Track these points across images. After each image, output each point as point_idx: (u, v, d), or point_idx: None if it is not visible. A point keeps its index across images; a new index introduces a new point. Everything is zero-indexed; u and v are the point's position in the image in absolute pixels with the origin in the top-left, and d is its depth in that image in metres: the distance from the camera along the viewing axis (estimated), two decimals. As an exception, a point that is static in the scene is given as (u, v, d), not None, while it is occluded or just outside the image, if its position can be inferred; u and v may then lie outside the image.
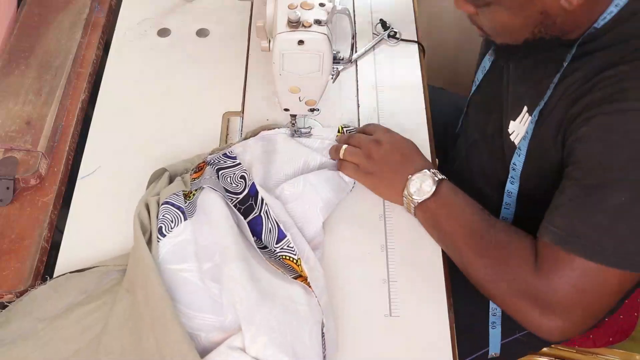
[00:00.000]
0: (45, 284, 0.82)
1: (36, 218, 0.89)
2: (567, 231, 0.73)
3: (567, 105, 0.76)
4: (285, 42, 0.79)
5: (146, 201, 0.86)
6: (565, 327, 0.74)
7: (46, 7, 1.11)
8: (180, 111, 1.03)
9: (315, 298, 0.79)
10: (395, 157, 0.89)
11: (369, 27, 1.13)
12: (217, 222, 0.82)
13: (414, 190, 0.86)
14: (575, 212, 0.73)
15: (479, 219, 0.82)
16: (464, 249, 0.81)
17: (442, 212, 0.84)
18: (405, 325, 0.82)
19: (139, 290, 0.78)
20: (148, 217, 0.85)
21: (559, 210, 0.75)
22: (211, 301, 0.79)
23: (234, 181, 0.91)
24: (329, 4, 0.80)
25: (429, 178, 0.86)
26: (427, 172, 0.86)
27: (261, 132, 0.96)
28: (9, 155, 0.92)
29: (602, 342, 1.18)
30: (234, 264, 0.77)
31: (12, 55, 1.04)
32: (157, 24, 1.13)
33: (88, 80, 1.06)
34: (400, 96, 1.05)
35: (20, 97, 0.99)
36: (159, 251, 0.81)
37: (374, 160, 0.90)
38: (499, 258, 0.78)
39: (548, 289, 0.74)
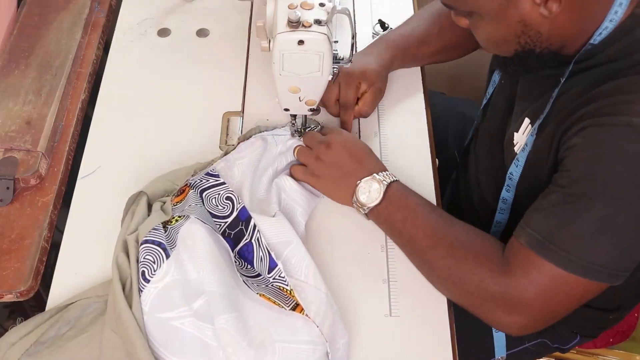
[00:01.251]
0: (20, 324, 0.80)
1: (36, 218, 0.89)
2: (543, 236, 0.72)
3: (563, 117, 0.76)
4: (285, 42, 0.79)
5: (124, 240, 0.83)
6: (526, 324, 0.75)
7: (46, 7, 1.11)
8: (180, 111, 1.03)
9: (317, 328, 0.76)
10: (345, 160, 0.88)
11: (369, 29, 1.13)
12: (203, 259, 0.79)
13: (363, 197, 0.85)
14: (555, 218, 0.73)
15: (436, 219, 0.82)
16: (425, 252, 0.81)
17: (396, 216, 0.83)
18: (405, 325, 0.82)
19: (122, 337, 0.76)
20: (127, 261, 0.81)
21: (539, 214, 0.75)
22: (205, 345, 0.76)
23: (219, 203, 0.88)
24: (329, 4, 0.80)
25: (376, 182, 0.85)
26: (375, 176, 0.85)
27: (238, 145, 0.94)
28: (9, 155, 0.92)
29: (603, 342, 1.18)
30: (225, 316, 0.75)
31: (12, 55, 1.04)
32: (157, 24, 1.13)
33: (88, 80, 1.06)
34: (400, 96, 1.05)
35: (20, 97, 0.99)
36: (146, 299, 0.77)
37: (322, 162, 0.89)
38: (464, 258, 0.78)
39: (516, 289, 0.74)
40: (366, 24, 1.14)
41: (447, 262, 0.78)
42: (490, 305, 0.76)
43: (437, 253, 0.79)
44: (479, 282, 0.76)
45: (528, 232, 0.74)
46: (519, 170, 0.85)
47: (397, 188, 0.85)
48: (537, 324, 0.75)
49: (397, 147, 0.98)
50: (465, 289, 0.77)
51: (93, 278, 0.85)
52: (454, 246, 0.79)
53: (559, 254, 0.71)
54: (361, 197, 0.85)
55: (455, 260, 0.78)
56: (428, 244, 0.80)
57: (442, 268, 0.79)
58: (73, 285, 0.85)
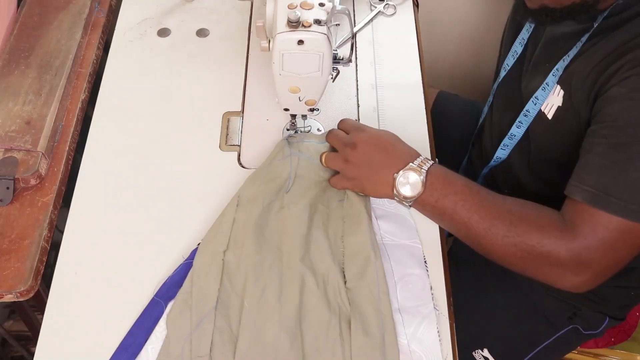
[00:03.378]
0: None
1: (36, 218, 0.89)
2: (599, 190, 0.73)
3: (599, 72, 0.77)
4: (285, 42, 0.79)
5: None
6: (592, 281, 0.75)
7: (46, 7, 1.11)
8: (180, 111, 1.02)
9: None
10: (373, 155, 0.85)
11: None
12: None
13: (404, 189, 0.82)
14: (607, 170, 0.73)
15: (487, 198, 0.80)
16: (484, 235, 0.78)
17: (444, 203, 0.80)
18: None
19: None
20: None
21: (589, 169, 0.75)
22: None
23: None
24: (329, 4, 0.80)
25: (413, 172, 0.81)
26: (411, 165, 0.82)
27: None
28: (9, 155, 0.92)
29: (604, 342, 1.18)
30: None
31: (12, 55, 1.04)
32: (157, 24, 1.13)
33: (88, 80, 1.05)
34: (400, 96, 1.05)
35: (20, 97, 0.99)
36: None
37: (352, 164, 0.86)
38: (527, 232, 0.76)
39: (586, 250, 0.74)
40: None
41: (510, 240, 0.77)
42: (558, 271, 0.75)
43: (498, 233, 0.77)
44: (549, 253, 0.75)
45: (583, 189, 0.74)
46: (536, 108, 0.86)
47: (438, 173, 0.81)
48: (602, 278, 0.76)
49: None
50: (533, 262, 0.76)
51: (93, 278, 0.85)
52: (514, 223, 0.77)
53: (619, 205, 0.72)
54: (402, 190, 0.81)
55: (519, 236, 0.76)
56: (486, 226, 0.78)
57: (506, 246, 0.77)
58: (73, 285, 0.85)
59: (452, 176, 0.82)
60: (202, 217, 0.91)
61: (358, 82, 1.07)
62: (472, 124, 1.23)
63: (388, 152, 0.84)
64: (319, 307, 0.80)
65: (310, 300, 0.80)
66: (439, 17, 1.59)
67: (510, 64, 1.01)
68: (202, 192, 0.93)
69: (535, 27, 0.94)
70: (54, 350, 0.80)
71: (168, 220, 0.91)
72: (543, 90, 0.86)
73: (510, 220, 0.77)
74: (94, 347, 0.80)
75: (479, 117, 1.21)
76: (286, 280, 0.81)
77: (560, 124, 0.86)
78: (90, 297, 0.84)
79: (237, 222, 0.86)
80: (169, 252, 0.88)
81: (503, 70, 1.02)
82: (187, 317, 0.80)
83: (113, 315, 0.83)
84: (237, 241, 0.85)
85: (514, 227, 0.77)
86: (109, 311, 0.83)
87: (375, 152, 0.85)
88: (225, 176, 0.95)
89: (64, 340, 0.81)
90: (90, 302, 0.84)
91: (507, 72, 1.01)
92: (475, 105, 1.29)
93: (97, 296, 0.84)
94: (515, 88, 0.99)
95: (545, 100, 0.88)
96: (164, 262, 0.87)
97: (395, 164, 0.83)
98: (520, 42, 0.98)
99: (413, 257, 0.85)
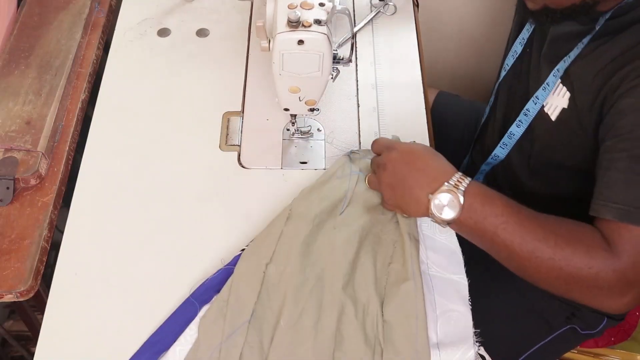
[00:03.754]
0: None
1: (36, 218, 0.89)
2: (630, 204, 0.71)
3: (606, 75, 0.76)
4: (285, 42, 0.79)
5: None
6: (636, 300, 0.73)
7: (46, 7, 1.11)
8: (180, 111, 1.02)
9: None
10: (406, 175, 0.80)
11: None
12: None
13: (439, 212, 0.76)
14: (634, 183, 0.72)
15: (529, 218, 0.75)
16: (528, 258, 0.74)
17: (483, 226, 0.75)
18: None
19: None
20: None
21: (614, 186, 0.73)
22: None
23: None
24: (329, 4, 0.80)
25: (449, 193, 0.76)
26: (447, 185, 0.76)
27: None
28: (9, 155, 0.92)
29: (604, 342, 1.18)
30: None
31: (12, 55, 1.04)
32: (157, 24, 1.13)
33: (88, 80, 1.06)
34: (400, 96, 1.05)
35: (20, 97, 0.99)
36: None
37: (385, 185, 0.82)
38: (573, 254, 0.72)
39: (627, 267, 0.71)
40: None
41: (556, 263, 0.73)
42: (606, 293, 0.72)
43: (543, 256, 0.73)
44: (596, 275, 0.72)
45: (613, 207, 0.73)
46: (536, 107, 0.86)
47: (477, 192, 0.76)
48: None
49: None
50: (579, 285, 0.73)
51: (93, 278, 0.85)
52: (560, 245, 0.73)
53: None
54: (437, 212, 0.76)
55: (566, 259, 0.72)
56: (529, 249, 0.73)
57: (551, 269, 0.73)
58: (73, 285, 0.85)
59: (492, 195, 0.77)
60: (202, 217, 0.91)
61: (358, 82, 1.07)
62: (472, 125, 1.23)
63: (420, 171, 0.79)
64: (356, 337, 0.77)
65: (347, 330, 0.78)
66: (439, 17, 1.59)
67: (510, 63, 1.01)
68: (202, 192, 0.93)
69: (537, 27, 0.95)
70: (54, 350, 0.80)
71: (168, 220, 0.91)
72: (543, 90, 0.87)
73: (555, 241, 0.73)
74: (94, 347, 0.80)
75: (478, 117, 1.22)
76: (325, 306, 0.79)
77: (564, 126, 0.86)
78: (90, 297, 0.84)
79: (285, 236, 0.84)
80: (169, 251, 0.88)
81: (503, 70, 1.03)
82: (219, 325, 0.78)
83: (113, 315, 0.83)
84: (281, 256, 0.82)
85: (560, 249, 0.73)
86: (109, 311, 0.83)
87: (406, 172, 0.80)
88: (225, 176, 0.95)
89: (64, 340, 0.81)
90: (90, 302, 0.84)
91: (507, 72, 1.02)
92: (475, 105, 1.29)
93: (97, 296, 0.84)
94: (515, 87, 0.99)
95: (546, 100, 0.88)
96: (164, 261, 0.87)
97: (429, 183, 0.77)
98: (520, 41, 0.98)
99: (458, 293, 0.82)
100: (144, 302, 0.84)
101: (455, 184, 0.76)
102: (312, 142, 0.99)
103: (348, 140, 0.99)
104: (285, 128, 1.00)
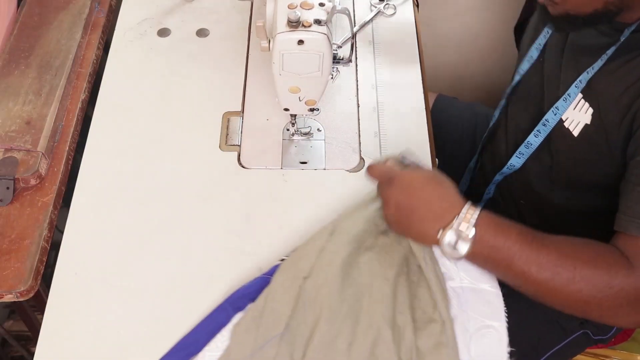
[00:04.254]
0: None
1: (36, 218, 0.89)
2: None
3: (637, 93, 0.75)
4: (285, 42, 0.79)
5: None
6: None
7: (46, 7, 1.11)
8: (180, 111, 1.02)
9: None
10: (411, 213, 0.76)
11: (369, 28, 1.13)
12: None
13: (450, 250, 0.74)
14: None
15: (544, 244, 0.73)
16: (545, 284, 0.73)
17: (497, 257, 0.74)
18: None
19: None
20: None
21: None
22: None
23: None
24: (329, 4, 0.80)
25: (461, 229, 0.73)
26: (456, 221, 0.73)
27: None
28: (9, 155, 0.92)
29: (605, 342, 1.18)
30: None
31: (12, 55, 1.04)
32: (157, 24, 1.13)
33: (88, 80, 1.06)
34: (400, 96, 1.05)
35: (20, 97, 0.99)
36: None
37: (389, 221, 0.80)
38: (593, 275, 0.71)
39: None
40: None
41: (576, 286, 0.71)
42: (625, 310, 0.71)
43: (562, 281, 0.72)
44: (617, 294, 0.71)
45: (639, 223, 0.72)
46: (556, 118, 0.84)
47: (488, 224, 0.74)
48: None
49: (397, 147, 0.98)
50: (599, 305, 0.72)
51: (93, 278, 0.85)
52: (578, 267, 0.71)
53: None
54: (448, 250, 0.74)
55: (586, 280, 0.71)
56: (547, 276, 0.72)
57: (571, 293, 0.72)
58: (73, 285, 0.85)
59: (503, 225, 0.75)
60: (202, 217, 0.91)
61: (358, 82, 1.07)
62: (471, 127, 1.22)
63: (426, 205, 0.75)
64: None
65: (382, 354, 0.76)
66: (440, 17, 1.59)
67: (525, 69, 0.97)
68: (202, 192, 0.93)
69: (554, 34, 0.92)
70: (54, 350, 0.80)
71: (168, 220, 0.91)
72: (564, 100, 0.84)
73: (574, 264, 0.72)
74: (94, 347, 0.80)
75: (478, 119, 1.21)
76: (362, 327, 0.77)
77: (587, 143, 0.83)
78: (90, 297, 0.84)
79: (325, 252, 0.81)
80: (168, 251, 0.88)
81: (517, 75, 0.99)
82: (252, 335, 0.78)
83: (113, 315, 0.83)
84: (320, 271, 0.80)
85: (579, 271, 0.71)
86: (109, 311, 0.83)
87: (410, 208, 0.76)
88: (225, 176, 0.95)
89: (64, 340, 0.81)
90: (90, 302, 0.84)
91: (522, 77, 0.98)
92: (473, 107, 1.29)
93: (97, 296, 0.84)
94: (532, 95, 0.96)
95: (567, 113, 0.85)
96: (163, 261, 0.87)
97: (436, 218, 0.74)
98: (537, 47, 0.95)
99: (491, 305, 0.80)
100: (144, 301, 0.84)
101: (465, 217, 0.73)
102: (312, 142, 0.99)
103: (348, 140, 0.99)
104: (285, 128, 1.00)
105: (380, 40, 1.12)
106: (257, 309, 0.79)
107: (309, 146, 0.99)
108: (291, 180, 0.95)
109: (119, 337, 0.81)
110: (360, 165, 0.97)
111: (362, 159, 0.98)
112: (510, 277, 0.75)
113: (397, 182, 0.77)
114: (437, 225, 0.74)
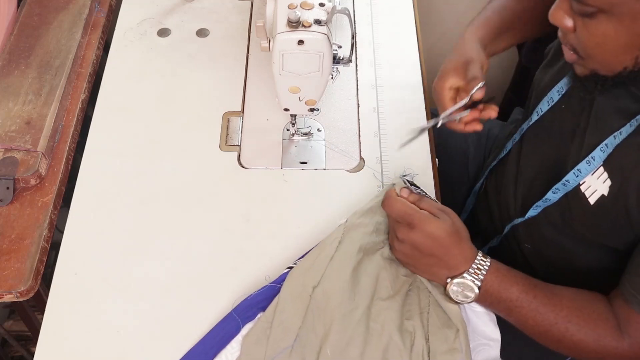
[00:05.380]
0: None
1: (36, 218, 0.89)
2: None
3: None
4: (285, 42, 0.79)
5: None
6: None
7: (46, 7, 1.11)
8: (180, 111, 1.02)
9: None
10: (423, 258, 0.81)
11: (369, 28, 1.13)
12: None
13: (455, 296, 0.80)
14: None
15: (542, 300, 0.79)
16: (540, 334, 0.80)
17: (497, 307, 0.81)
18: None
19: None
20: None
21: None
22: None
23: None
24: (329, 4, 0.80)
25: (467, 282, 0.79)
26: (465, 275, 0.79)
27: None
28: (9, 155, 0.92)
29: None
30: None
31: (12, 55, 1.04)
32: (157, 24, 1.13)
33: (88, 80, 1.06)
34: (400, 96, 1.05)
35: (20, 97, 0.99)
36: None
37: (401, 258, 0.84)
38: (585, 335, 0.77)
39: (632, 354, 0.75)
40: (366, 23, 1.14)
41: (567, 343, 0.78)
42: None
43: (554, 338, 0.79)
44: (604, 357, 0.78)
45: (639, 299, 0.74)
46: (578, 179, 0.81)
47: (493, 278, 0.80)
48: None
49: (397, 147, 0.98)
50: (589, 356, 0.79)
51: (93, 278, 0.85)
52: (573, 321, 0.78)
53: None
54: (454, 295, 0.80)
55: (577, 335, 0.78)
56: (542, 330, 0.79)
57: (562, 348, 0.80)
58: (73, 285, 0.85)
59: (508, 282, 0.80)
60: (202, 217, 0.91)
61: (358, 82, 1.07)
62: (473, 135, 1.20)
63: (441, 258, 0.80)
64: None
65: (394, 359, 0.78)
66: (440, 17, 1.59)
67: (544, 109, 0.90)
68: (202, 192, 0.93)
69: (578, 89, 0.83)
70: (54, 350, 0.80)
71: (168, 220, 0.91)
72: (588, 164, 0.79)
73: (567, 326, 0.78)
74: (94, 347, 0.80)
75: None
76: (373, 335, 0.79)
77: (603, 212, 0.79)
78: (90, 297, 0.84)
79: (335, 261, 0.83)
80: (168, 251, 0.88)
81: (535, 114, 0.92)
82: (262, 347, 0.78)
83: (113, 315, 0.83)
84: (330, 280, 0.81)
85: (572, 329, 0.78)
86: (109, 311, 0.83)
87: (426, 255, 0.80)
88: (225, 176, 0.95)
89: (64, 340, 0.81)
90: (90, 302, 0.84)
91: (540, 118, 0.91)
92: None
93: (97, 296, 0.84)
94: (551, 143, 0.89)
95: (587, 177, 0.81)
96: (163, 261, 0.87)
97: (449, 269, 0.80)
98: (559, 91, 0.88)
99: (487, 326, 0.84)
100: (144, 301, 0.84)
101: (474, 272, 0.79)
102: (312, 142, 0.99)
103: (348, 141, 0.99)
104: (285, 128, 1.00)
105: (380, 40, 1.12)
106: (267, 320, 0.79)
107: (309, 146, 0.99)
108: (291, 180, 0.95)
109: (118, 337, 0.81)
110: (360, 165, 0.97)
111: (362, 159, 0.98)
112: (510, 321, 0.82)
113: (420, 228, 0.79)
114: (448, 273, 0.80)
